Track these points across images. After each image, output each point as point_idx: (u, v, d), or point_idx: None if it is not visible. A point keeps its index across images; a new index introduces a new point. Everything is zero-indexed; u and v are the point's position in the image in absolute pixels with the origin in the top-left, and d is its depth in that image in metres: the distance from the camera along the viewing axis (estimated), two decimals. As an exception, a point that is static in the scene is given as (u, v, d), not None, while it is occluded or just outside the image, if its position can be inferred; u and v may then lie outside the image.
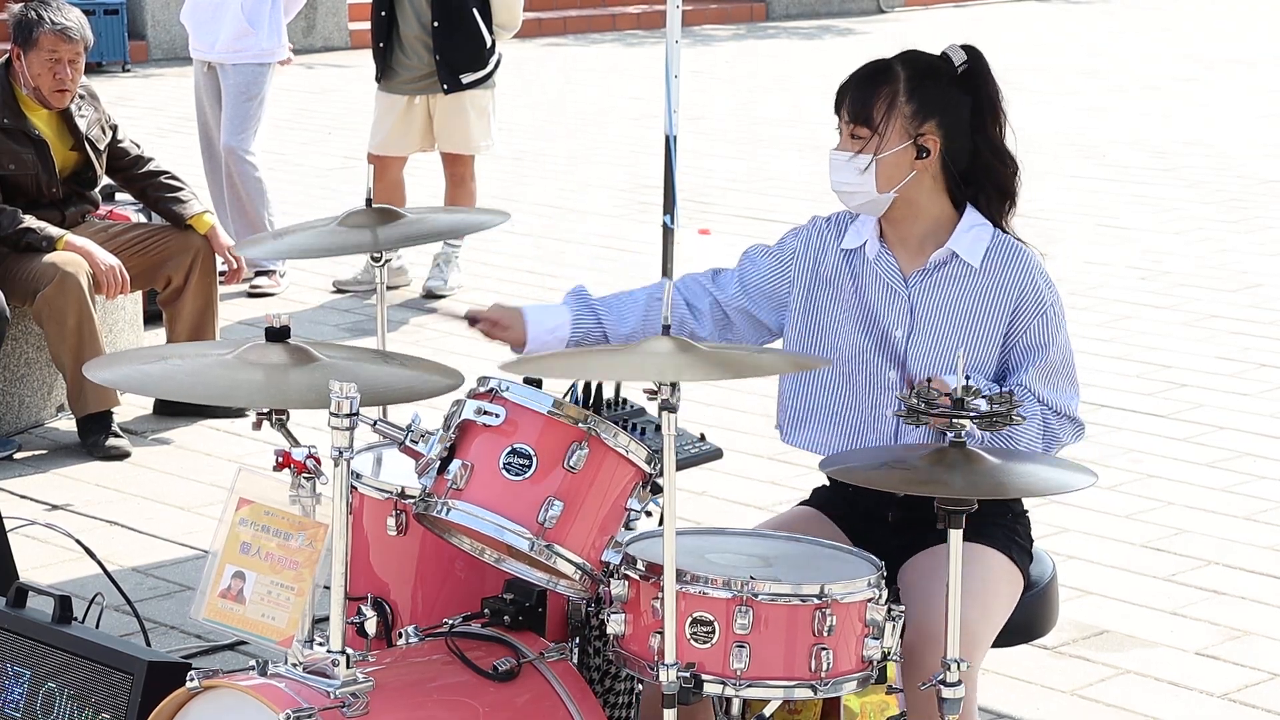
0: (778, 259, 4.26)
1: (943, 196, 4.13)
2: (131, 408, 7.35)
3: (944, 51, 4.15)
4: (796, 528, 4.10)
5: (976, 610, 3.88)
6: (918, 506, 3.91)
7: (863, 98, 4.05)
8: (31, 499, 6.47)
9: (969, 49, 4.14)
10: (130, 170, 7.42)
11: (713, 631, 3.56)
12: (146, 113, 14.10)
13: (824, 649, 3.58)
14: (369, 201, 4.61)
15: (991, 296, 4.10)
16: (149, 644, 4.70)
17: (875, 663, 3.67)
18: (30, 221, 6.96)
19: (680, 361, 3.52)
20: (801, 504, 4.29)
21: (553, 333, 4.18)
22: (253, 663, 3.62)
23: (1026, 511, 4.22)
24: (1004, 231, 4.15)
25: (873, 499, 4.05)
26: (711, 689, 3.56)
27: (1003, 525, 4.12)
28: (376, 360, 3.88)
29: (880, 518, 4.11)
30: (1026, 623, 4.18)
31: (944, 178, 4.11)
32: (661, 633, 3.52)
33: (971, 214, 4.15)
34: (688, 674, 3.53)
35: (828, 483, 4.22)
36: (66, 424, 7.23)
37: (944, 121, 4.07)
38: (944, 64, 4.12)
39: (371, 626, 3.81)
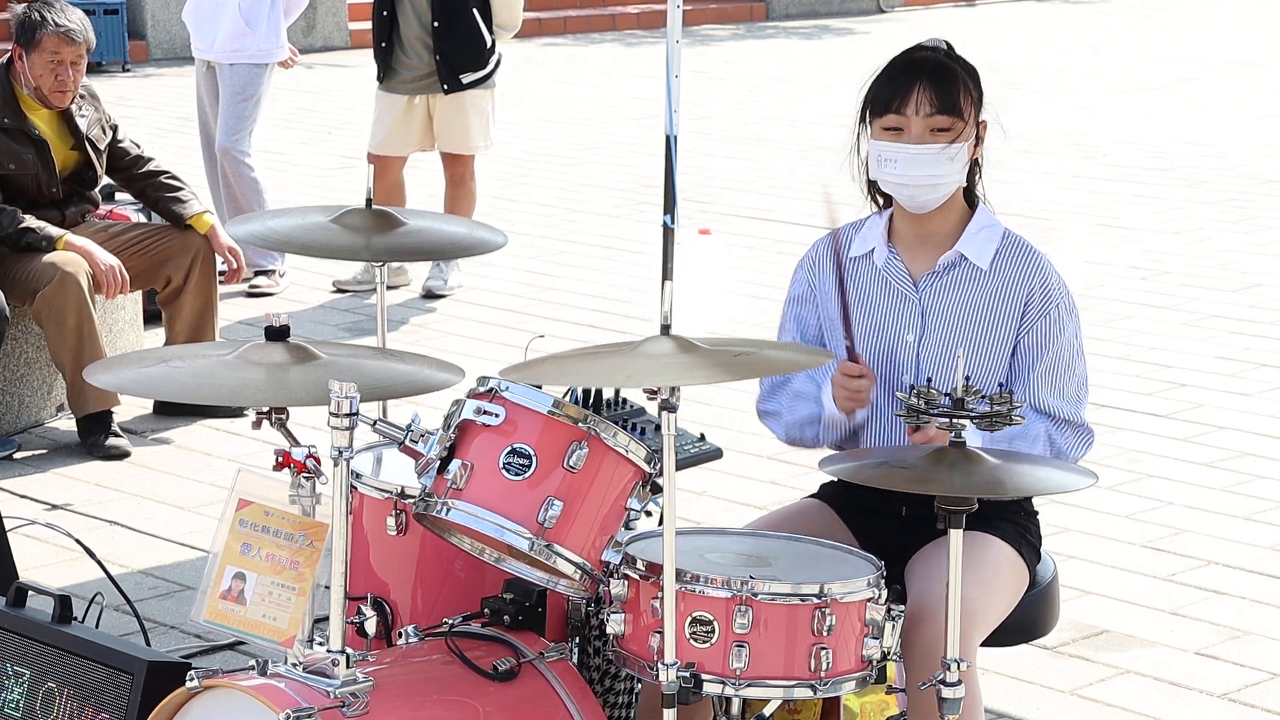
0: (805, 302, 4.25)
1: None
2: (131, 408, 7.35)
3: (936, 44, 4.16)
4: (802, 520, 4.11)
5: (977, 589, 3.87)
6: (927, 503, 3.91)
7: (948, 89, 4.05)
8: (31, 499, 6.47)
9: (937, 39, 4.19)
10: (130, 170, 7.42)
11: (712, 631, 3.56)
12: (146, 113, 14.10)
13: (823, 649, 3.58)
14: (369, 202, 4.61)
15: (1002, 298, 4.10)
16: (149, 644, 4.69)
17: (875, 663, 3.66)
18: (30, 221, 6.95)
19: (680, 364, 3.51)
20: (808, 497, 4.29)
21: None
22: (253, 662, 3.61)
23: (1037, 513, 4.23)
24: (985, 204, 4.18)
25: (879, 495, 4.05)
26: (711, 689, 3.56)
27: (1016, 522, 4.13)
28: (377, 357, 3.88)
29: (886, 513, 4.11)
30: (1026, 623, 4.18)
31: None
32: (661, 632, 3.52)
33: (983, 214, 4.16)
34: (687, 674, 3.53)
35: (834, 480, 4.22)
36: (66, 424, 7.23)
37: (984, 104, 4.14)
38: (952, 50, 4.16)
39: (371, 626, 3.82)
